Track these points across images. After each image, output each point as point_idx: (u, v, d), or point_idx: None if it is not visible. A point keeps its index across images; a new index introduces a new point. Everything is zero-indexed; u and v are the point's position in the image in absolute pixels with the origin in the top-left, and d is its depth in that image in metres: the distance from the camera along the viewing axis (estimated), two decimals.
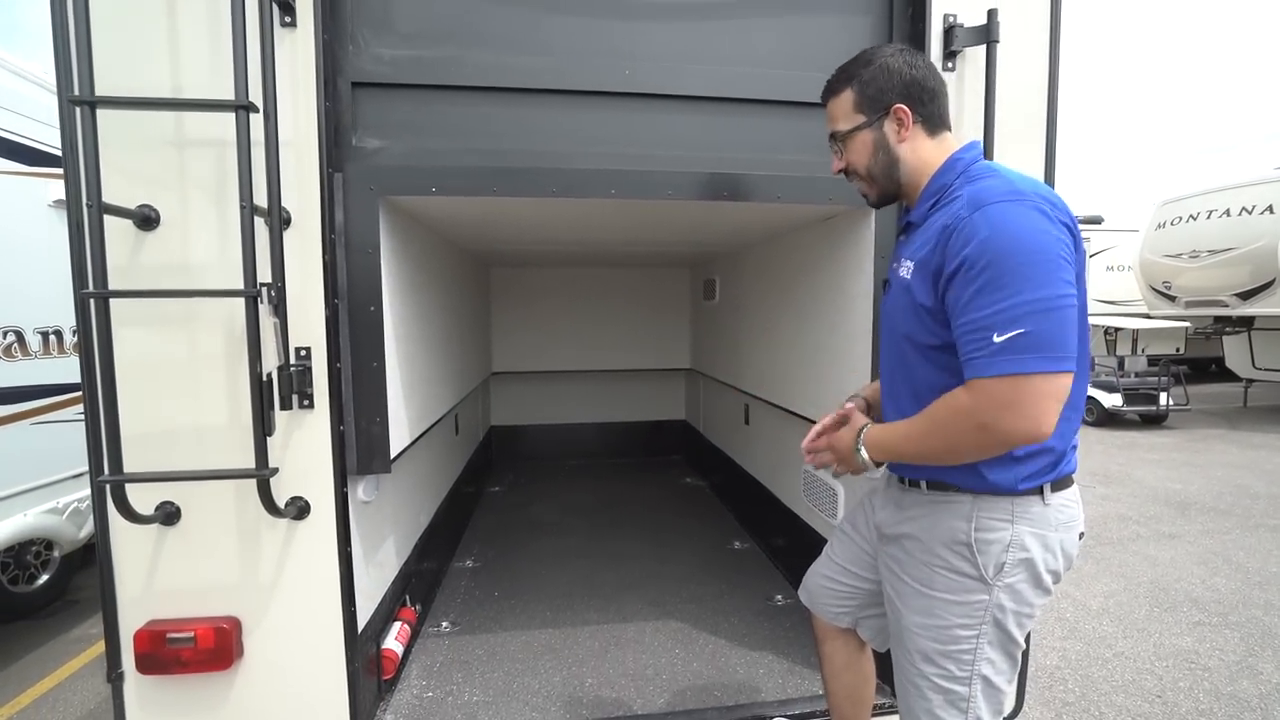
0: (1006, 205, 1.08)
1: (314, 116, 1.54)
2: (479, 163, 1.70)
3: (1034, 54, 1.84)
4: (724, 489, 4.12)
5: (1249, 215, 8.22)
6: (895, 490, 1.39)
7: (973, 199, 1.12)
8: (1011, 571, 1.19)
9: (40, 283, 3.38)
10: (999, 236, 1.05)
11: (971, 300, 1.07)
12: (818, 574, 1.63)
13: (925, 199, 1.28)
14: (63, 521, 3.59)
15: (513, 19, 1.72)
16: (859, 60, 1.30)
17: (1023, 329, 1.02)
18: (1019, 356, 1.03)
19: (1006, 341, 1.03)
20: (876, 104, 1.27)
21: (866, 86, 1.27)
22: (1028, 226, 1.06)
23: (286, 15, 1.51)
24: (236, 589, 1.62)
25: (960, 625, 1.22)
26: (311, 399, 1.58)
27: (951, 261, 1.11)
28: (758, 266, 3.22)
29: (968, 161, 1.25)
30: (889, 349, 1.37)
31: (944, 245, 1.13)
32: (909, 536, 1.31)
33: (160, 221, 1.51)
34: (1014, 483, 1.18)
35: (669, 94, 1.78)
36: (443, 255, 2.81)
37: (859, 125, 1.30)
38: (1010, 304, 1.03)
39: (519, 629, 2.47)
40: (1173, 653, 3.23)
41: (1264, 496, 5.81)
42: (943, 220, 1.16)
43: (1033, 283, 1.03)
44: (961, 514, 1.22)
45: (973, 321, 1.07)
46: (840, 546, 1.59)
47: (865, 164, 1.32)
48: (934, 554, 1.25)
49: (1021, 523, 1.19)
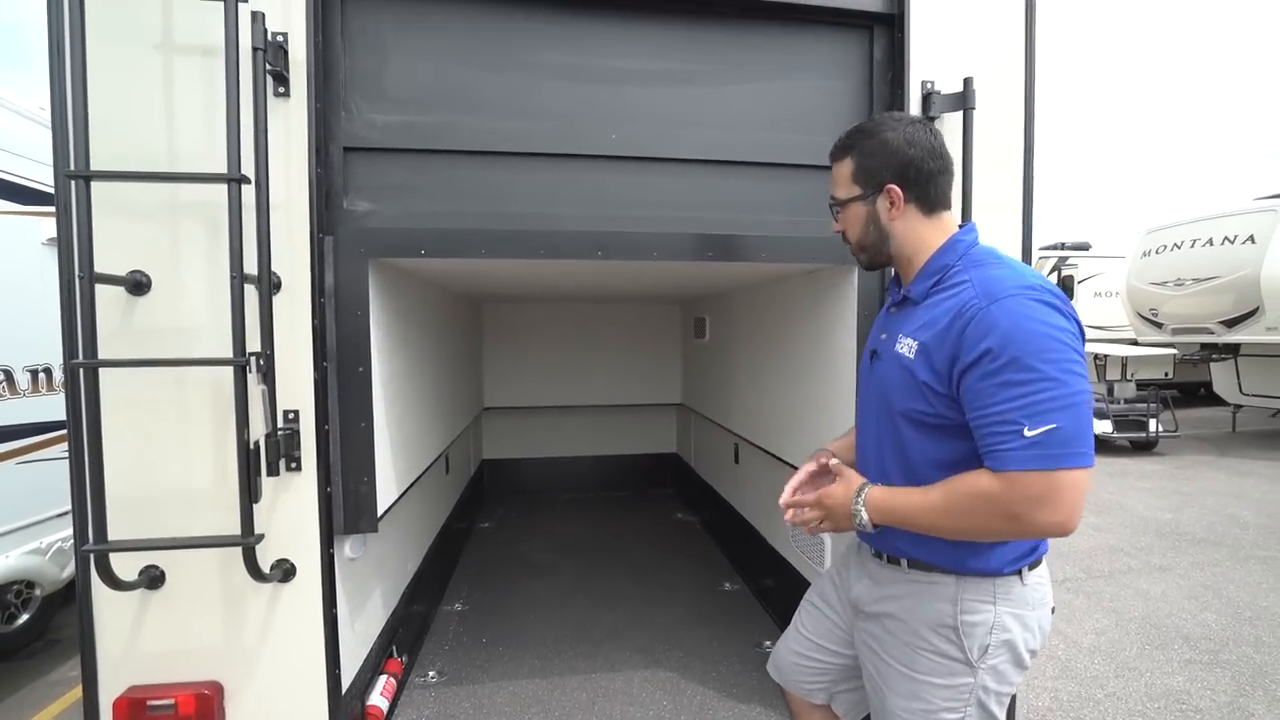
0: (1024, 299, 1.10)
1: (305, 183, 1.57)
2: (468, 225, 1.73)
3: (1010, 118, 1.89)
4: (714, 525, 4.11)
5: (1231, 245, 8.37)
6: (870, 564, 1.37)
7: (986, 289, 1.13)
8: (995, 653, 1.19)
9: (30, 321, 3.38)
10: (1021, 330, 1.07)
11: (997, 391, 1.08)
12: (788, 649, 1.60)
13: (924, 277, 1.28)
14: (45, 562, 3.54)
15: (501, 85, 1.76)
16: (864, 129, 1.32)
17: (1054, 424, 1.03)
18: (1053, 452, 1.04)
19: (1039, 436, 1.04)
20: (871, 179, 1.29)
21: (865, 159, 1.29)
22: (1048, 322, 1.08)
23: (280, 86, 1.54)
24: (219, 653, 1.61)
25: (946, 709, 1.22)
26: (299, 461, 1.59)
27: (970, 351, 1.11)
28: (746, 310, 3.25)
29: (968, 244, 1.26)
30: (876, 420, 1.35)
31: (959, 333, 1.13)
32: (890, 616, 1.30)
33: (151, 287, 1.52)
34: (1000, 565, 1.19)
35: (655, 157, 1.82)
36: (433, 300, 2.83)
37: (854, 196, 1.32)
38: (1040, 398, 1.04)
39: (506, 679, 2.45)
40: (1164, 693, 3.22)
41: (1253, 526, 5.84)
42: (952, 305, 1.17)
43: (1058, 378, 1.05)
44: (946, 596, 1.22)
45: (999, 413, 1.07)
46: (811, 620, 1.56)
47: (857, 234, 1.35)
48: (918, 636, 1.24)
49: (1002, 603, 1.20)
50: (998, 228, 1.85)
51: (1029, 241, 1.88)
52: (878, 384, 1.35)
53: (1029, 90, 1.87)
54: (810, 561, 2.43)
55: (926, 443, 1.23)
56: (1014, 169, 1.88)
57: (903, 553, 1.29)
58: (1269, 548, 5.28)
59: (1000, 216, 1.88)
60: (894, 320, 1.35)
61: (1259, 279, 7.98)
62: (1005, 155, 1.89)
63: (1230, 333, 8.59)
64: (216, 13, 1.37)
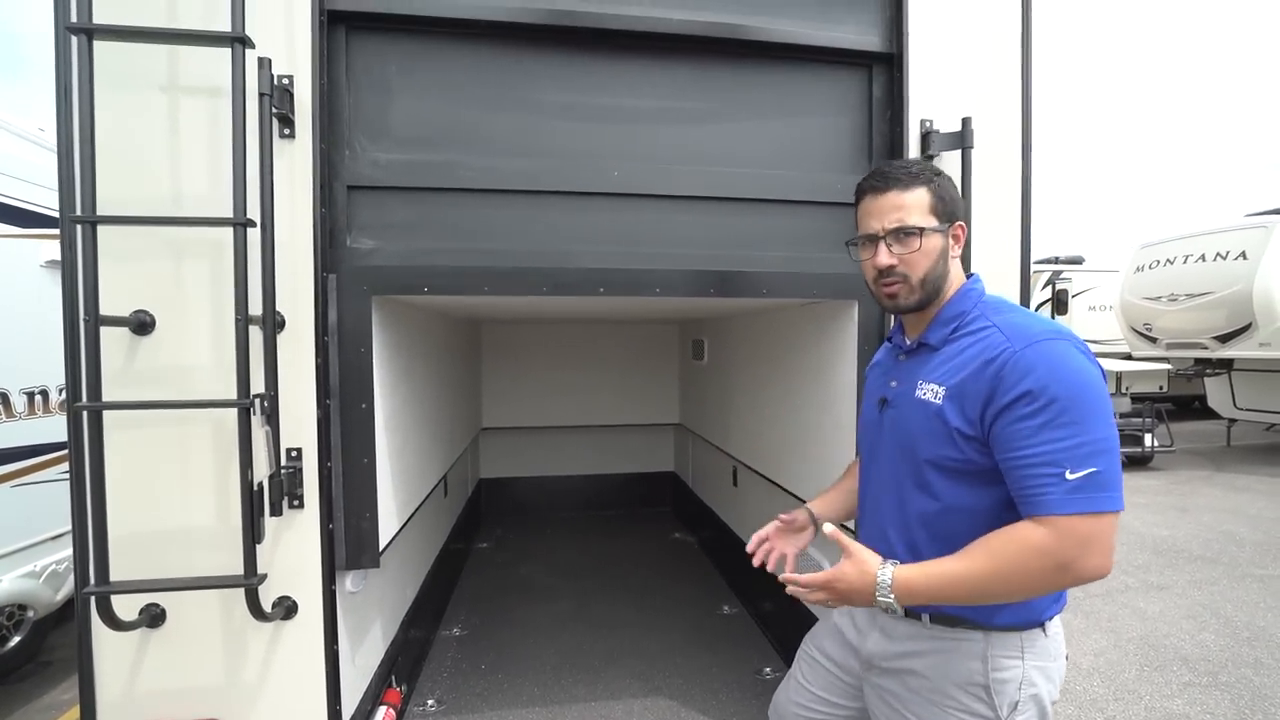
0: (1056, 344, 1.11)
1: (310, 222, 1.58)
2: (470, 263, 1.74)
3: (1007, 153, 1.92)
4: (712, 546, 4.11)
5: (1224, 260, 8.44)
6: (882, 618, 1.33)
7: (1017, 334, 1.14)
8: (1024, 708, 1.18)
9: (29, 343, 3.37)
10: (1059, 374, 1.08)
11: (1035, 434, 1.06)
12: (789, 700, 1.56)
13: (942, 324, 1.27)
14: (39, 585, 3.51)
15: (504, 124, 1.78)
16: (925, 166, 1.29)
17: (1096, 467, 1.03)
18: (1095, 495, 1.03)
19: (1082, 480, 1.03)
20: (947, 215, 1.26)
21: (942, 192, 1.26)
22: (1081, 367, 1.09)
23: (285, 128, 1.56)
24: (220, 690, 1.60)
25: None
26: (302, 499, 1.59)
27: (1006, 394, 1.10)
28: (745, 334, 3.27)
29: (979, 293, 1.28)
30: (895, 469, 1.30)
31: (993, 376, 1.12)
32: (913, 673, 1.26)
33: (155, 326, 1.53)
34: (1036, 615, 1.18)
35: (656, 194, 1.83)
36: (434, 327, 2.84)
37: (935, 228, 1.24)
38: (1080, 441, 1.04)
39: (506, 708, 2.43)
40: (1164, 717, 3.22)
41: (1250, 544, 5.85)
42: (980, 349, 1.17)
43: (1096, 422, 1.05)
44: (975, 653, 1.19)
45: (1039, 455, 1.05)
46: (812, 674, 1.52)
47: (927, 267, 1.25)
48: (945, 694, 1.21)
49: (1030, 657, 1.19)
50: (995, 259, 1.88)
51: (1027, 273, 1.90)
52: (894, 433, 1.31)
53: (1026, 125, 1.90)
54: None
55: (958, 489, 1.20)
56: (1011, 202, 1.91)
57: (925, 608, 1.24)
58: (1265, 565, 5.29)
59: (997, 250, 1.90)
60: (906, 368, 1.33)
61: (1251, 295, 8.04)
62: (1003, 188, 1.92)
63: (1224, 348, 8.64)
64: (223, 59, 1.38)
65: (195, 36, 1.43)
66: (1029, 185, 1.91)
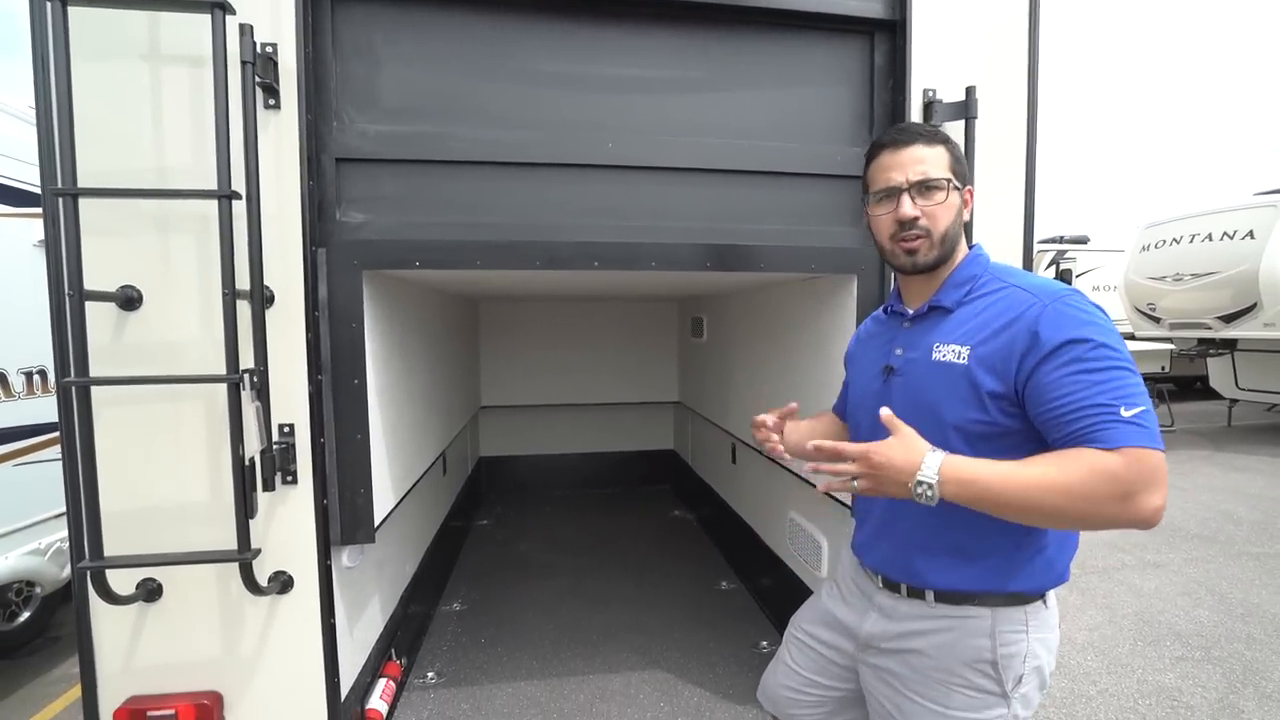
0: (1080, 298, 1.14)
1: (298, 195, 1.56)
2: (462, 236, 1.72)
3: (1012, 124, 1.88)
4: (711, 523, 4.13)
5: (1230, 240, 8.34)
6: (879, 596, 1.31)
7: (1040, 290, 1.16)
8: (1027, 680, 1.18)
9: (24, 323, 3.36)
10: (1095, 324, 1.10)
11: (1084, 378, 1.05)
12: (777, 683, 1.54)
13: (955, 286, 1.26)
14: (45, 562, 3.54)
15: (495, 94, 1.74)
16: (941, 135, 1.28)
17: (1144, 407, 1.03)
18: (1152, 432, 1.02)
19: (1138, 415, 1.01)
20: (962, 176, 1.27)
21: (956, 156, 1.28)
22: (1106, 320, 1.12)
23: (270, 98, 1.52)
24: (218, 664, 1.62)
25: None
26: (295, 475, 1.59)
27: (1045, 344, 1.08)
28: (744, 311, 3.24)
29: (986, 259, 1.29)
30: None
31: (1027, 329, 1.11)
32: (916, 653, 1.24)
33: (143, 302, 1.51)
34: (1046, 582, 1.19)
35: (652, 166, 1.80)
36: (429, 304, 2.81)
37: (956, 184, 1.24)
38: (1130, 383, 1.05)
39: (505, 680, 2.46)
40: (1155, 690, 3.25)
41: (1247, 523, 5.87)
42: (1003, 309, 1.17)
43: (1134, 369, 1.07)
44: (983, 630, 1.18)
45: (1093, 396, 1.03)
46: (801, 657, 1.50)
47: (947, 223, 1.24)
48: (952, 673, 1.20)
49: (1033, 630, 1.19)
50: (998, 234, 1.85)
51: (1030, 248, 1.87)
52: (906, 400, 1.25)
53: (1031, 97, 1.85)
54: (808, 565, 2.45)
55: (981, 455, 1.12)
56: (1016, 175, 1.87)
57: (925, 584, 1.23)
58: (1262, 544, 5.31)
59: (1001, 223, 1.87)
60: (914, 333, 1.29)
61: (1258, 274, 7.97)
62: (1007, 160, 1.88)
63: (1228, 328, 8.59)
64: (204, 25, 1.34)
65: (173, 1, 1.39)
66: (1033, 158, 1.87)
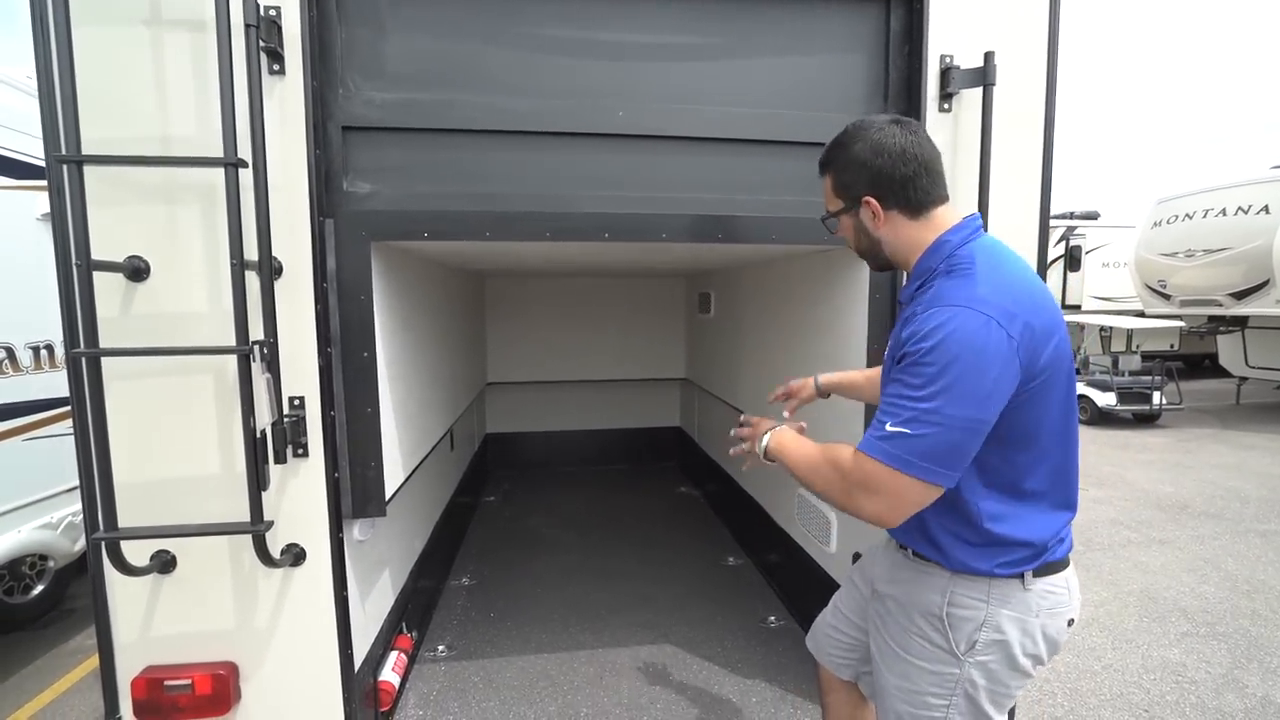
0: (958, 311, 1.06)
1: (304, 164, 1.53)
2: (471, 207, 1.69)
3: (1031, 91, 1.82)
4: (717, 500, 4.14)
5: (1244, 215, 8.21)
6: (891, 548, 1.41)
7: (936, 296, 1.13)
8: (984, 650, 1.20)
9: (30, 297, 3.35)
10: (933, 337, 1.05)
11: (890, 384, 1.12)
12: (825, 623, 1.64)
13: (913, 280, 1.27)
14: (57, 536, 3.58)
15: (504, 61, 1.70)
16: (838, 143, 1.29)
17: (908, 430, 1.05)
18: (893, 452, 1.06)
19: (892, 434, 1.06)
20: (850, 193, 1.27)
21: (840, 174, 1.28)
22: (968, 342, 1.04)
23: (275, 63, 1.49)
24: (233, 635, 1.63)
25: (932, 694, 1.24)
26: (306, 448, 1.58)
27: (897, 351, 1.14)
28: (753, 287, 3.21)
29: (954, 245, 1.20)
30: None
31: (899, 340, 1.16)
32: (892, 598, 1.33)
33: (150, 273, 1.50)
34: (988, 568, 1.19)
35: (663, 135, 1.76)
36: (436, 278, 2.79)
37: (839, 210, 1.31)
38: (912, 404, 1.05)
39: (515, 654, 2.49)
40: (1160, 665, 3.27)
41: (1254, 500, 5.87)
42: (916, 309, 1.16)
43: (950, 397, 1.03)
44: (937, 587, 1.24)
45: (883, 400, 1.12)
46: (846, 596, 1.60)
47: (852, 244, 1.36)
48: (911, 619, 1.27)
49: (998, 605, 1.19)
50: (1015, 205, 1.81)
51: (1047, 218, 1.83)
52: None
53: (1051, 62, 1.80)
54: (816, 541, 2.45)
55: None
56: (1033, 143, 1.83)
57: (907, 542, 1.32)
58: (1269, 521, 5.31)
59: (1018, 193, 1.83)
60: (898, 323, 1.34)
61: (1271, 250, 7.86)
62: (1024, 129, 1.83)
63: (1239, 305, 8.50)
64: None
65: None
66: (1052, 126, 1.82)
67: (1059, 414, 1.15)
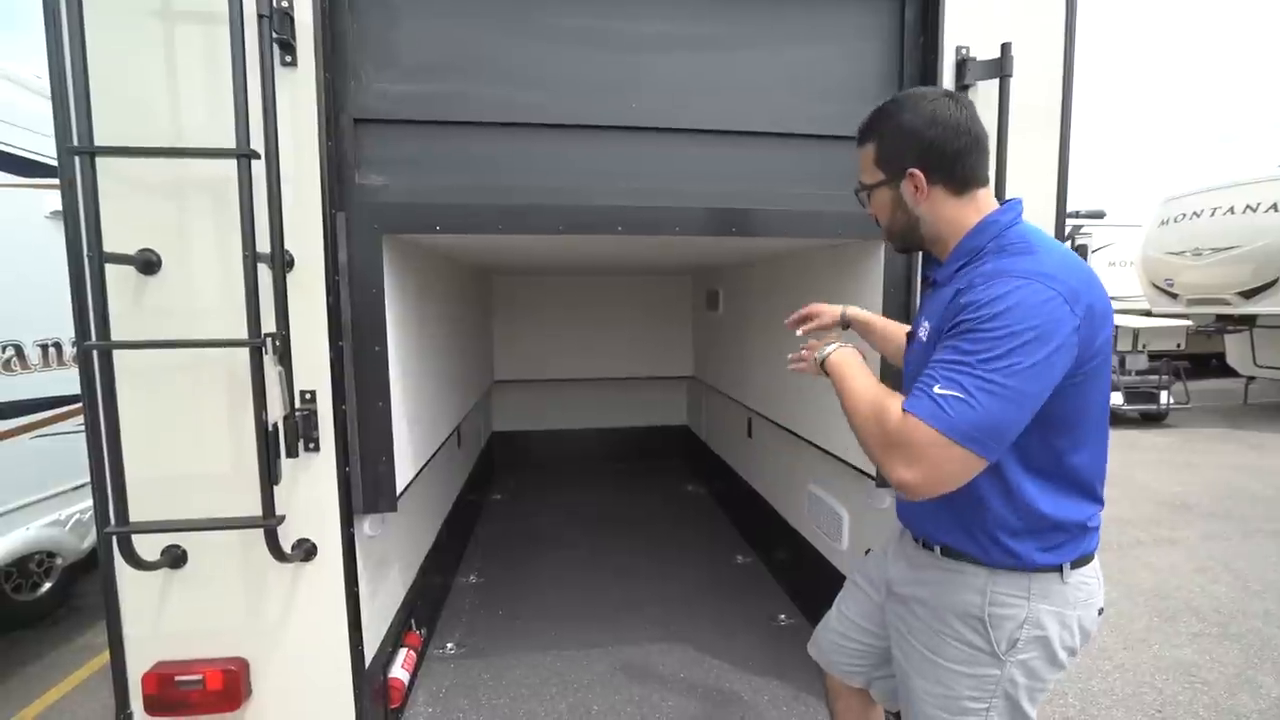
0: (1026, 283, 1.03)
1: (316, 156, 1.52)
2: (483, 200, 1.68)
3: (1048, 83, 1.81)
4: (725, 498, 4.13)
5: (1253, 213, 8.17)
6: (909, 547, 1.36)
7: (995, 270, 1.08)
8: (1025, 648, 1.17)
9: (38, 295, 3.35)
10: (995, 307, 1.02)
11: (948, 344, 1.06)
12: (829, 630, 1.59)
13: (955, 259, 1.22)
14: (65, 533, 3.58)
15: (516, 53, 1.68)
16: (885, 111, 1.24)
17: (957, 393, 1.00)
18: (939, 412, 1.00)
19: (948, 398, 1.00)
20: (894, 165, 1.22)
21: (885, 144, 1.23)
22: (1034, 314, 1.01)
23: (287, 55, 1.48)
24: (244, 630, 1.62)
25: (969, 697, 1.20)
26: (317, 442, 1.57)
27: (950, 320, 1.09)
28: (763, 282, 3.19)
29: (1004, 225, 1.17)
30: None
31: (951, 304, 1.11)
32: (919, 600, 1.28)
33: (162, 265, 1.49)
34: (1030, 559, 1.15)
35: (675, 127, 1.75)
36: (445, 275, 2.78)
37: (878, 182, 1.26)
38: (974, 371, 1.00)
39: (524, 651, 2.48)
40: (1172, 665, 3.25)
41: (1263, 500, 5.83)
42: (964, 284, 1.12)
43: (1009, 367, 0.99)
44: (975, 587, 1.19)
45: (938, 361, 1.06)
46: (852, 601, 1.55)
47: (886, 220, 1.31)
48: (944, 623, 1.23)
49: (1038, 600, 1.16)
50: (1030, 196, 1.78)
51: (1063, 211, 1.81)
52: (913, 370, 1.30)
53: (1068, 54, 1.78)
54: (828, 538, 2.43)
55: None
56: (1050, 138, 1.81)
57: (935, 539, 1.27)
58: (1279, 521, 5.27)
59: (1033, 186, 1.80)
60: (926, 303, 1.32)
61: None
62: (1041, 120, 1.81)
63: (1248, 304, 8.45)
64: None
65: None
66: (1069, 117, 1.81)
67: (1098, 402, 1.13)
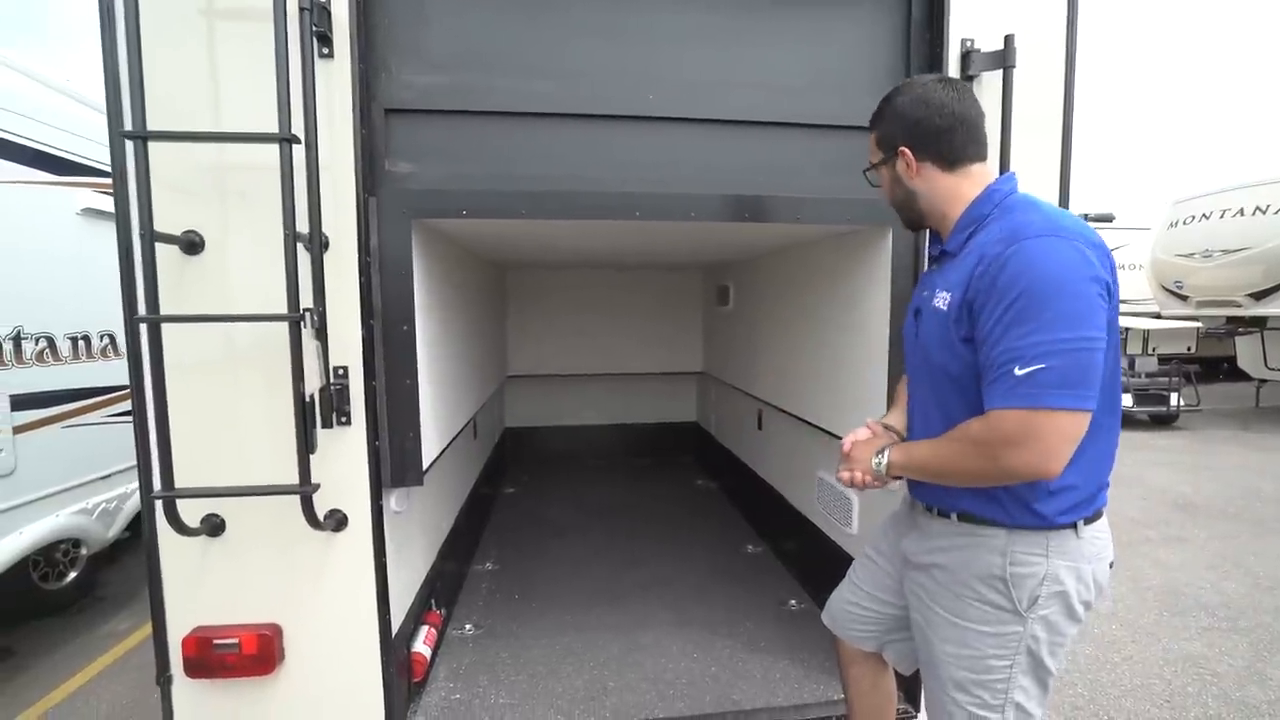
0: (1045, 240, 1.09)
1: (350, 143, 1.60)
2: (507, 186, 1.75)
3: (1050, 76, 1.87)
4: (735, 492, 4.18)
5: (1263, 215, 8.16)
6: (921, 517, 1.39)
7: (1010, 232, 1.14)
8: (1046, 604, 1.21)
9: (69, 290, 3.46)
10: (1033, 270, 1.07)
11: (1001, 332, 1.09)
12: (842, 599, 1.65)
13: (960, 229, 1.29)
14: (92, 522, 3.68)
15: (537, 47, 1.76)
16: (885, 98, 1.37)
17: (1045, 364, 1.04)
18: (1038, 390, 1.04)
19: (1027, 375, 1.05)
20: (889, 144, 1.35)
21: (883, 127, 1.37)
22: (1065, 264, 1.07)
23: (324, 47, 1.56)
24: (278, 597, 1.69)
25: (994, 655, 1.24)
26: (349, 416, 1.64)
27: (983, 293, 1.13)
28: (772, 276, 3.26)
29: (1005, 193, 1.27)
30: (922, 379, 1.37)
31: (979, 276, 1.15)
32: (939, 567, 1.32)
33: (205, 246, 1.57)
34: (1052, 517, 1.19)
35: (691, 118, 1.82)
36: (466, 267, 2.86)
37: (880, 161, 1.39)
38: (1038, 339, 1.05)
39: (540, 632, 2.54)
40: (1181, 657, 3.26)
41: (1274, 500, 5.81)
42: (977, 252, 1.18)
43: (1063, 321, 1.05)
44: (995, 548, 1.23)
45: (1000, 353, 1.09)
46: (864, 572, 1.61)
47: (889, 196, 1.44)
48: (966, 586, 1.26)
49: (1056, 557, 1.20)
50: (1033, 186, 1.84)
51: (1066, 198, 1.87)
52: (921, 343, 1.35)
53: (1070, 47, 1.84)
54: (838, 523, 2.48)
55: (961, 398, 1.23)
56: (1053, 128, 1.87)
57: (952, 507, 1.30)
58: None
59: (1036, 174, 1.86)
60: (933, 276, 1.37)
61: None
62: (1044, 113, 1.87)
63: (1258, 306, 8.43)
64: None
65: None
66: (1071, 107, 1.86)
67: (1110, 366, 1.17)
